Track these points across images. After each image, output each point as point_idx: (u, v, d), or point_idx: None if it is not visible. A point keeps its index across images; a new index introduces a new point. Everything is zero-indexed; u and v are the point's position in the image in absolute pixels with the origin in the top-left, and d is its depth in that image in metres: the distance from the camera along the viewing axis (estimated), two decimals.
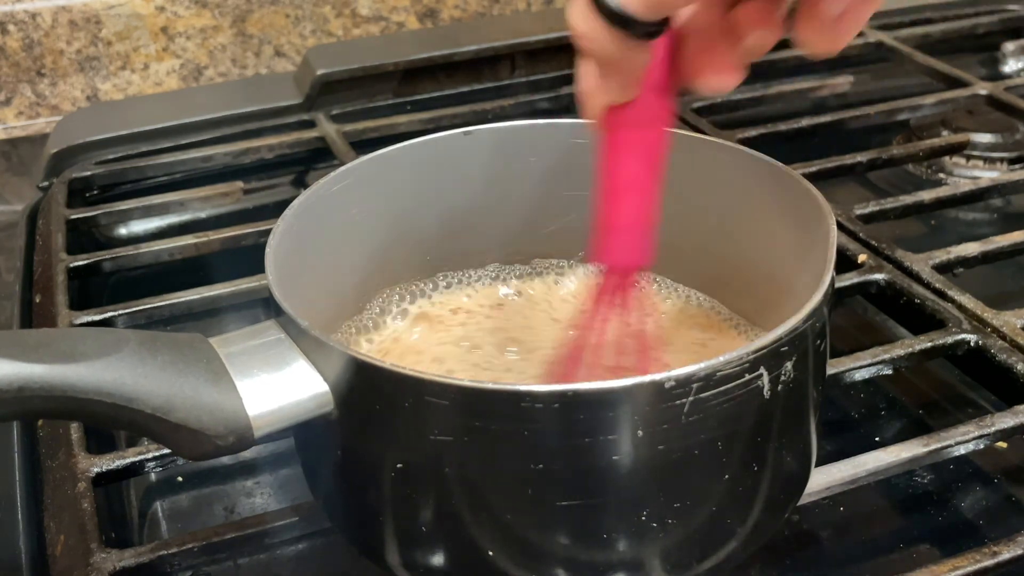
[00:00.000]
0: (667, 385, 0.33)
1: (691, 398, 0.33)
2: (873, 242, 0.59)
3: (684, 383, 0.33)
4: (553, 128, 0.49)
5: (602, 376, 0.39)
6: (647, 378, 0.33)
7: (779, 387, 0.35)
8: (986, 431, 0.46)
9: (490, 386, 0.34)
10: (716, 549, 0.38)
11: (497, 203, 0.50)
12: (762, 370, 0.34)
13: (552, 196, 0.50)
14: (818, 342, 0.37)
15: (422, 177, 0.48)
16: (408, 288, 0.50)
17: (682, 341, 0.47)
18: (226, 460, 0.52)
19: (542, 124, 0.49)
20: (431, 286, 0.50)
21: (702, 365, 0.33)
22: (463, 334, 0.48)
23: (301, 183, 0.78)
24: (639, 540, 0.36)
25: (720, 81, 0.36)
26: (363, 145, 0.74)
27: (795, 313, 0.35)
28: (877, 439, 0.52)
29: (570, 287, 0.51)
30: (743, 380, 0.34)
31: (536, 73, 0.86)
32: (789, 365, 0.35)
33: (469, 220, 0.50)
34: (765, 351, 0.34)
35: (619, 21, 0.33)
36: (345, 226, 0.46)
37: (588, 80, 0.37)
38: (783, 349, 0.35)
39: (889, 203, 0.63)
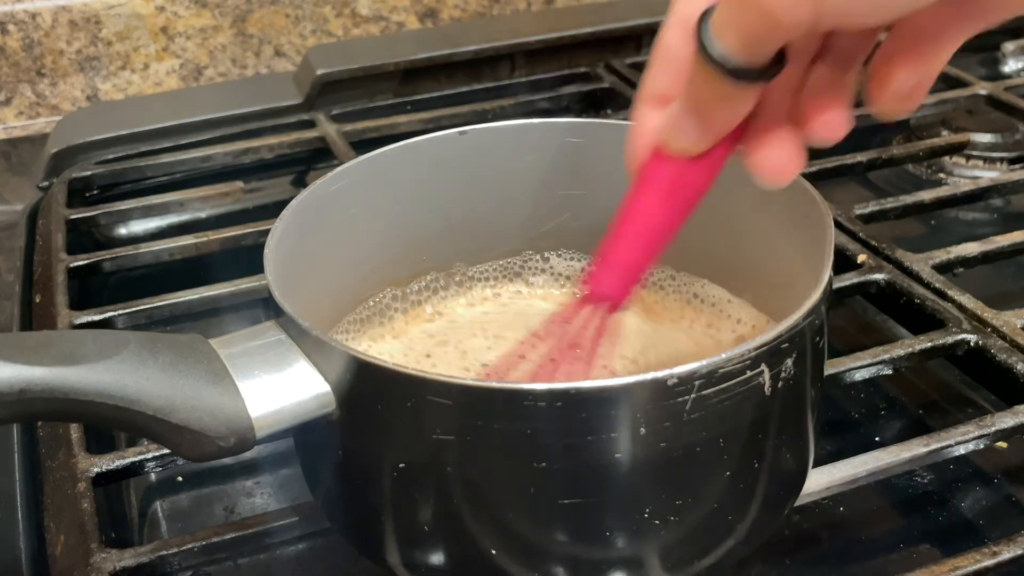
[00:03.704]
0: (670, 383, 0.33)
1: (693, 395, 0.33)
2: (873, 242, 0.59)
3: (686, 380, 0.33)
4: (549, 127, 0.49)
5: (544, 377, 0.39)
6: (649, 376, 0.33)
7: (779, 384, 0.35)
8: (986, 431, 0.46)
9: (493, 385, 0.34)
10: (717, 546, 0.38)
11: (493, 202, 0.50)
12: (763, 367, 0.34)
13: (548, 195, 0.50)
14: (817, 339, 0.37)
15: (418, 177, 0.48)
16: (405, 288, 0.50)
17: (680, 335, 0.47)
18: (226, 460, 0.52)
19: (537, 123, 0.49)
20: (428, 285, 0.50)
21: (704, 362, 0.33)
22: (461, 333, 0.48)
23: (301, 183, 0.78)
24: (641, 538, 0.36)
25: (782, 166, 0.35)
26: (363, 145, 0.74)
27: (795, 311, 0.35)
28: (877, 439, 0.52)
29: (567, 286, 0.51)
30: (744, 377, 0.34)
31: (536, 73, 0.86)
32: (789, 362, 0.35)
33: (466, 219, 0.50)
34: (766, 348, 0.34)
35: (728, 68, 0.31)
36: (342, 226, 0.46)
37: (650, 115, 0.35)
38: (783, 346, 0.35)
39: (889, 203, 0.63)
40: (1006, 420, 0.46)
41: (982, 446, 0.46)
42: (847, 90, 0.34)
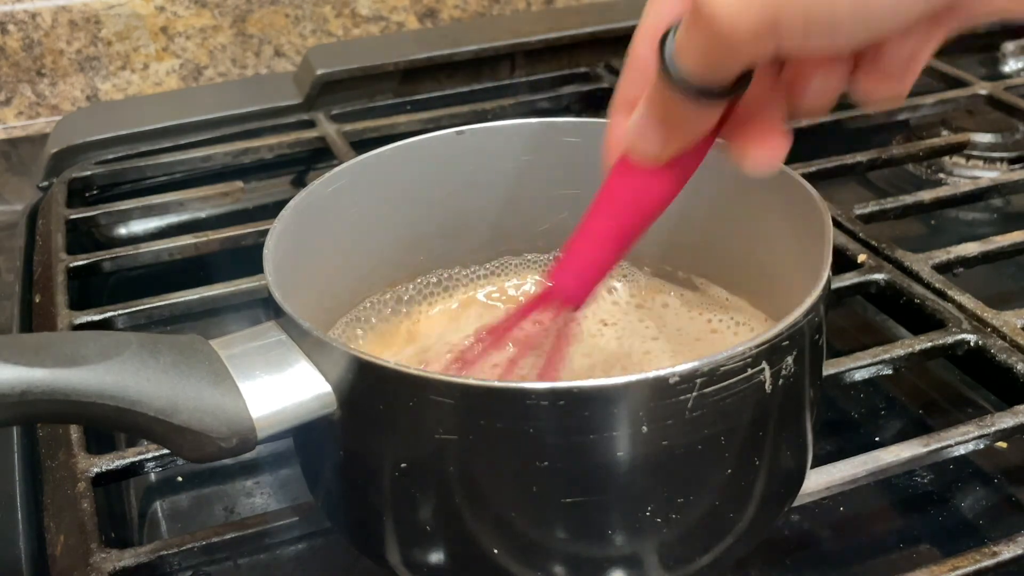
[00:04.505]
0: (671, 381, 0.33)
1: (695, 393, 0.33)
2: (873, 242, 0.59)
3: (688, 378, 0.33)
4: (546, 127, 0.49)
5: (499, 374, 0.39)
6: (651, 374, 0.33)
7: (780, 381, 0.35)
8: (986, 431, 0.46)
9: (495, 384, 0.34)
10: (717, 544, 0.38)
11: (491, 202, 0.50)
12: (764, 364, 0.34)
13: (545, 195, 0.50)
14: (817, 337, 0.37)
15: (416, 177, 0.48)
16: (403, 287, 0.50)
17: (680, 333, 0.47)
18: (226, 460, 0.51)
19: (535, 123, 0.49)
20: (427, 285, 0.50)
21: (705, 360, 0.33)
22: (459, 333, 0.48)
23: (301, 183, 0.78)
24: (642, 536, 0.36)
25: (767, 154, 0.34)
26: (363, 145, 0.74)
27: (794, 309, 0.35)
28: (877, 439, 0.52)
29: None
30: (745, 375, 0.34)
31: (536, 73, 0.86)
32: (790, 360, 0.35)
33: (464, 219, 0.50)
34: (766, 346, 0.34)
35: (690, 88, 0.31)
36: (341, 226, 0.46)
37: (623, 122, 0.35)
38: (784, 344, 0.35)
39: (889, 203, 0.63)
40: (1006, 420, 0.46)
41: (982, 446, 0.46)
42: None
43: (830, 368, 0.49)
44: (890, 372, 0.51)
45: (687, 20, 0.30)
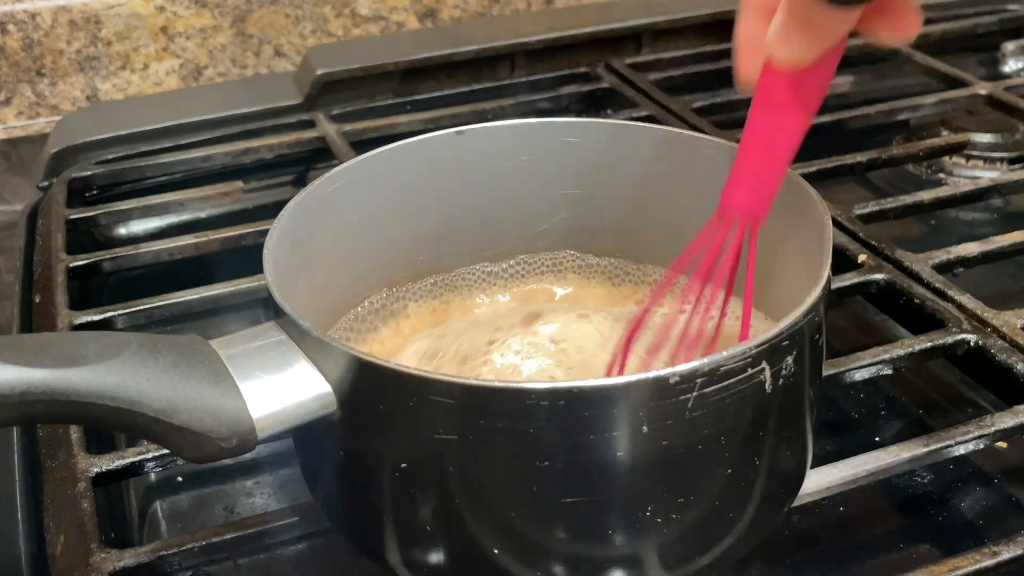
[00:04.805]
0: (671, 380, 0.33)
1: (695, 393, 0.33)
2: (873, 242, 0.59)
3: (688, 378, 0.33)
4: (546, 127, 0.49)
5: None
6: (651, 374, 0.33)
7: (780, 381, 0.35)
8: (986, 431, 0.46)
9: (495, 384, 0.34)
10: (716, 544, 0.38)
11: (491, 202, 0.50)
12: (764, 364, 0.34)
13: (544, 195, 0.50)
14: (816, 337, 0.37)
15: (415, 177, 0.48)
16: (403, 287, 0.50)
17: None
18: (226, 460, 0.51)
19: (534, 123, 0.49)
20: (426, 285, 0.50)
21: (706, 360, 0.33)
22: (460, 332, 0.48)
23: (301, 183, 0.78)
24: (642, 536, 0.36)
25: (901, 34, 0.35)
26: (363, 145, 0.74)
27: (794, 309, 0.35)
28: (877, 439, 0.52)
29: (562, 285, 0.51)
30: (746, 375, 0.34)
31: (536, 73, 0.86)
32: (790, 359, 0.35)
33: (464, 219, 0.50)
34: (767, 346, 0.34)
35: None
36: (340, 226, 0.46)
37: (753, 28, 0.36)
38: (784, 344, 0.35)
39: (889, 203, 0.63)
40: (1006, 420, 0.46)
41: (982, 446, 0.46)
42: None
43: (830, 368, 0.49)
44: (890, 372, 0.51)
45: None
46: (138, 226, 0.74)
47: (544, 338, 0.45)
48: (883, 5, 0.35)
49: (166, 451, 0.46)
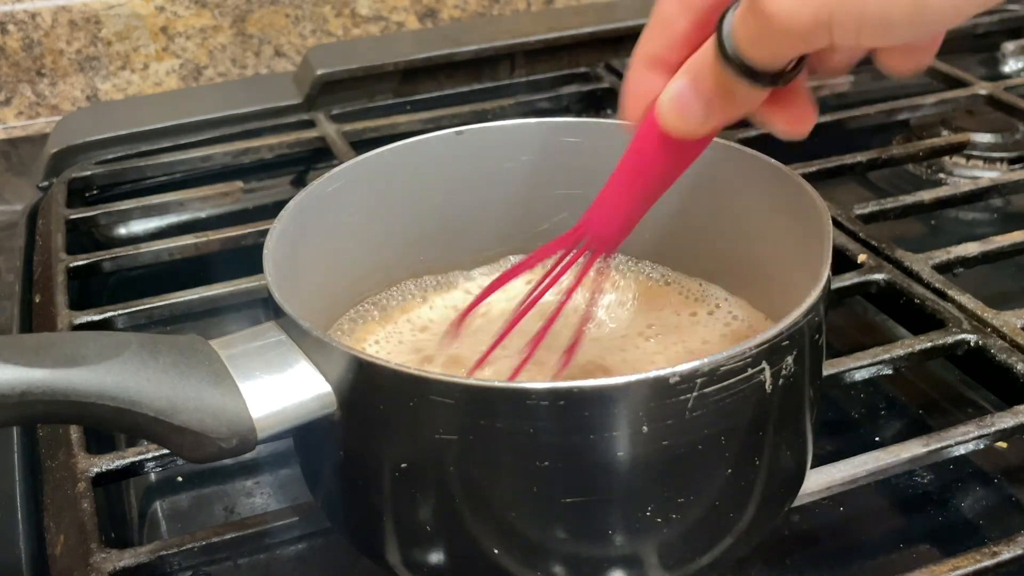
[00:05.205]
0: (672, 380, 0.33)
1: (695, 393, 0.33)
2: (873, 242, 0.59)
3: (688, 378, 0.33)
4: (545, 127, 0.49)
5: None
6: (652, 374, 0.33)
7: (780, 381, 0.35)
8: (986, 431, 0.46)
9: (495, 384, 0.34)
10: (716, 544, 0.38)
11: (490, 202, 0.50)
12: (764, 364, 0.34)
13: (544, 195, 0.50)
14: (816, 337, 0.37)
15: (415, 177, 0.48)
16: (402, 288, 0.50)
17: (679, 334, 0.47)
18: (226, 460, 0.51)
19: (533, 123, 0.49)
20: (426, 285, 0.50)
21: (706, 360, 0.33)
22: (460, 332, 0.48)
23: (301, 183, 0.78)
24: (642, 536, 0.36)
25: (799, 126, 0.35)
26: (363, 145, 0.74)
27: (794, 309, 0.35)
28: (877, 439, 0.52)
29: (561, 285, 0.51)
30: (746, 375, 0.34)
31: (536, 73, 0.86)
32: (790, 359, 0.35)
33: (463, 219, 0.50)
34: (767, 346, 0.34)
35: (745, 70, 0.32)
36: (340, 226, 0.46)
37: (645, 76, 0.36)
38: (784, 344, 0.35)
39: (889, 203, 0.63)
40: (1006, 420, 0.46)
41: (982, 446, 0.46)
42: None
43: (830, 368, 0.49)
44: (890, 372, 0.51)
45: (744, 9, 0.30)
46: (138, 226, 0.74)
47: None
48: (779, 95, 0.34)
49: (166, 451, 0.46)
